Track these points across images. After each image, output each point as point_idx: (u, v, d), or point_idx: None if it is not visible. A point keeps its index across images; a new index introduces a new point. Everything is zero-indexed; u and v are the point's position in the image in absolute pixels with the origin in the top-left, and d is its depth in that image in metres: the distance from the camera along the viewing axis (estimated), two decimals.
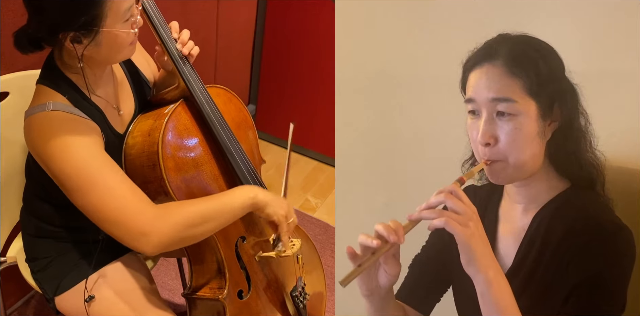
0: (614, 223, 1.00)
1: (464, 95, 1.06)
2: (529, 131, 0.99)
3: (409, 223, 0.96)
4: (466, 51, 1.06)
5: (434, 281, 1.26)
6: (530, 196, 1.09)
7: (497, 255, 1.14)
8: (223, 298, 1.30)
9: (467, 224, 0.92)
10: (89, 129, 1.16)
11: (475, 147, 1.05)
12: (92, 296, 1.30)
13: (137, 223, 1.09)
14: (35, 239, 1.39)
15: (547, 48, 1.03)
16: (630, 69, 1.27)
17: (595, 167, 1.07)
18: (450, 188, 0.95)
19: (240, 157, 1.34)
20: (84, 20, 1.06)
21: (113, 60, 1.22)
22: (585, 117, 1.05)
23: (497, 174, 1.04)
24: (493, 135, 1.00)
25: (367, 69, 1.62)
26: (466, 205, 0.94)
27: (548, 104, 1.00)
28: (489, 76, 1.00)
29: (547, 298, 1.03)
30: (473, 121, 1.03)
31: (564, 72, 1.03)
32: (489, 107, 1.00)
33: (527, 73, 0.98)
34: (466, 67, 1.05)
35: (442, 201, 0.94)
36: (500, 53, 1.00)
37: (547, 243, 1.05)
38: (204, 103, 1.31)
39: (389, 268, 1.00)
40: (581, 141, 1.05)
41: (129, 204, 1.10)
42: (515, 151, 1.00)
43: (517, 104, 0.98)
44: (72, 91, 1.17)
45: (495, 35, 1.05)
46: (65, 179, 1.11)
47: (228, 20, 2.43)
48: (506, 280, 0.96)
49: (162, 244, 1.11)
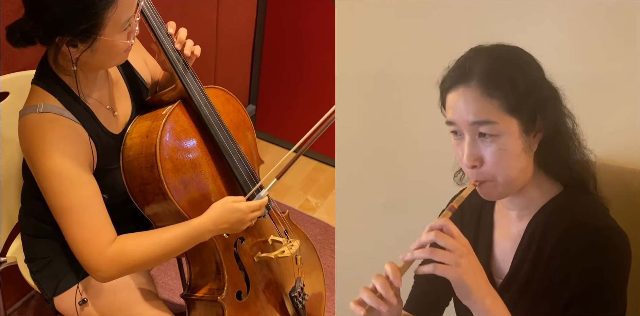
0: (609, 227, 0.99)
1: (444, 115, 1.03)
2: (513, 149, 0.98)
3: (404, 264, 0.95)
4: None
5: (440, 290, 1.25)
6: (523, 204, 1.08)
7: (494, 261, 1.13)
8: (222, 299, 1.30)
9: (458, 262, 0.91)
10: (78, 137, 1.17)
11: (462, 167, 1.03)
12: (85, 300, 1.31)
13: (93, 261, 1.17)
14: (34, 240, 1.39)
15: (523, 58, 1.00)
16: (629, 68, 1.27)
17: (585, 168, 1.05)
18: (441, 224, 0.94)
19: (238, 158, 1.34)
20: (83, 28, 1.06)
21: (107, 65, 1.23)
22: (572, 118, 1.03)
23: (488, 193, 1.02)
24: (478, 157, 0.98)
25: (367, 69, 1.62)
26: (457, 239, 0.93)
27: (530, 118, 0.98)
28: (466, 99, 0.97)
29: (545, 304, 1.02)
30: (457, 142, 1.01)
31: (544, 78, 1.01)
32: (470, 130, 0.98)
33: (504, 92, 0.95)
34: (442, 88, 1.03)
35: (433, 239, 0.93)
36: (474, 72, 0.97)
37: (543, 249, 1.04)
38: (201, 104, 1.31)
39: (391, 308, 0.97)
40: (569, 144, 1.03)
41: (91, 241, 1.17)
42: (503, 170, 0.98)
43: (497, 125, 0.96)
44: (65, 93, 1.17)
45: (468, 50, 1.02)
46: (47, 194, 1.17)
47: (228, 20, 2.42)
48: (503, 304, 0.95)
49: (110, 280, 1.21)
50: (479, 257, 0.97)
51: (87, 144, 1.18)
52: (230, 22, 2.46)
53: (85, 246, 1.16)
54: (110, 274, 1.19)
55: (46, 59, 1.18)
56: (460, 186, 1.17)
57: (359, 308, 0.94)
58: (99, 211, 1.18)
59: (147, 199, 1.25)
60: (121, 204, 1.26)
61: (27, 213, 1.41)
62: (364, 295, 0.94)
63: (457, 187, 1.17)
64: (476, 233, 1.17)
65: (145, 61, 1.42)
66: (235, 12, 2.49)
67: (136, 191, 1.25)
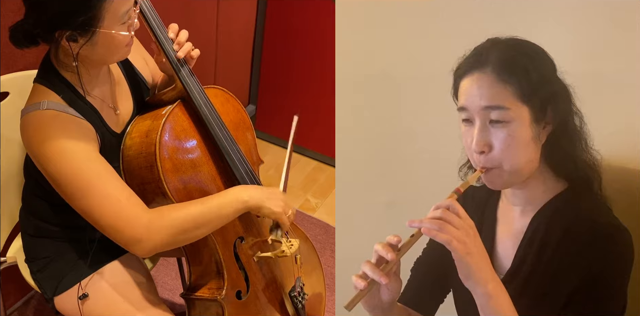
0: (612, 224, 1.00)
1: (456, 102, 1.05)
2: (523, 137, 0.99)
3: (408, 240, 0.97)
4: (458, 57, 1.06)
5: (436, 284, 1.26)
6: (527, 199, 1.09)
7: (496, 257, 1.14)
8: (221, 298, 1.30)
9: (464, 240, 0.93)
10: (83, 129, 1.16)
11: (470, 154, 1.05)
12: (85, 294, 1.30)
13: (132, 230, 1.12)
14: (35, 239, 1.39)
15: (537, 51, 1.02)
16: (630, 68, 1.27)
17: (591, 167, 1.06)
18: (447, 203, 0.95)
19: (237, 158, 1.34)
20: (81, 20, 1.07)
21: (108, 60, 1.22)
22: (580, 117, 1.04)
23: (493, 180, 1.04)
24: (487, 143, 1.00)
25: (367, 69, 1.62)
26: (463, 220, 0.94)
27: (541, 108, 1.00)
28: (480, 84, 0.99)
29: (546, 300, 1.03)
30: (467, 129, 1.03)
31: (556, 74, 1.03)
32: (481, 116, 1.00)
33: (518, 79, 0.98)
34: (457, 74, 1.05)
35: (440, 216, 0.94)
36: (490, 60, 0.99)
37: (545, 246, 1.05)
38: (201, 104, 1.31)
39: (391, 285, 1.00)
40: (576, 141, 1.05)
41: (123, 211, 1.12)
42: (510, 157, 1.00)
43: (509, 111, 0.98)
44: (68, 90, 1.17)
45: (485, 40, 1.04)
46: (61, 183, 1.13)
47: (228, 20, 2.42)
48: (506, 292, 0.96)
49: (156, 249, 1.15)
50: None
51: (94, 135, 1.18)
52: (230, 22, 2.46)
53: (119, 218, 1.11)
54: (153, 241, 1.12)
55: (48, 57, 1.19)
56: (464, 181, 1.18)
57: (360, 280, 0.96)
58: (120, 182, 1.15)
59: (147, 198, 1.25)
60: None
61: (28, 213, 1.41)
62: (366, 267, 0.96)
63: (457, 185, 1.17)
64: (479, 228, 1.17)
65: (145, 61, 1.42)
66: (235, 12, 2.49)
67: (136, 190, 1.25)
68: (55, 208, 1.32)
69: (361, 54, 1.62)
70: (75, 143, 1.12)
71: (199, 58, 1.34)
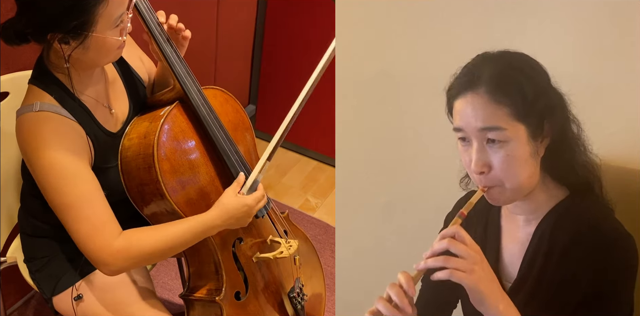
0: (616, 229, 1.00)
1: (451, 121, 1.04)
2: (521, 155, 0.98)
3: (417, 273, 0.96)
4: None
5: (448, 294, 1.26)
6: (530, 209, 1.08)
7: (503, 265, 1.13)
8: (220, 299, 1.29)
9: (473, 269, 0.92)
10: (75, 134, 1.17)
11: (469, 173, 1.04)
12: (80, 296, 1.31)
13: (99, 255, 1.16)
14: (33, 239, 1.39)
15: (529, 64, 1.01)
16: (630, 68, 1.27)
17: (591, 171, 1.06)
18: (452, 231, 0.95)
19: (236, 159, 1.34)
20: (74, 24, 1.06)
21: (99, 63, 1.22)
22: (577, 124, 1.03)
23: (496, 199, 1.03)
24: (486, 163, 0.99)
25: (367, 69, 1.62)
26: (470, 247, 0.94)
27: (537, 124, 0.98)
28: (474, 106, 0.98)
29: (554, 308, 1.02)
30: (464, 148, 1.02)
31: (550, 84, 1.01)
32: (478, 136, 0.98)
33: (512, 98, 0.96)
34: (450, 94, 1.03)
35: (446, 247, 0.94)
36: (482, 79, 0.97)
37: (551, 254, 1.04)
38: (199, 105, 1.31)
39: (408, 314, 0.97)
40: (575, 148, 1.04)
41: (96, 236, 1.16)
42: (511, 176, 0.99)
43: (506, 131, 0.96)
44: (60, 91, 1.17)
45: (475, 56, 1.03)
46: (46, 192, 1.16)
47: (228, 20, 2.42)
48: (515, 309, 0.96)
49: (119, 273, 1.21)
50: (488, 261, 0.97)
51: (85, 141, 1.18)
52: (230, 22, 2.46)
53: (91, 241, 1.15)
54: (118, 267, 1.18)
55: (42, 59, 1.18)
56: (466, 191, 1.17)
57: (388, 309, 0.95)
58: (101, 205, 1.17)
59: (145, 199, 1.25)
60: (118, 203, 1.26)
61: (26, 213, 1.41)
62: (380, 304, 0.95)
63: (458, 186, 1.17)
64: (483, 237, 1.17)
65: (141, 59, 1.41)
66: (235, 12, 2.49)
67: (134, 191, 1.25)
68: (49, 209, 1.32)
69: (361, 54, 1.62)
70: (67, 156, 1.14)
71: (198, 58, 1.34)
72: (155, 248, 1.20)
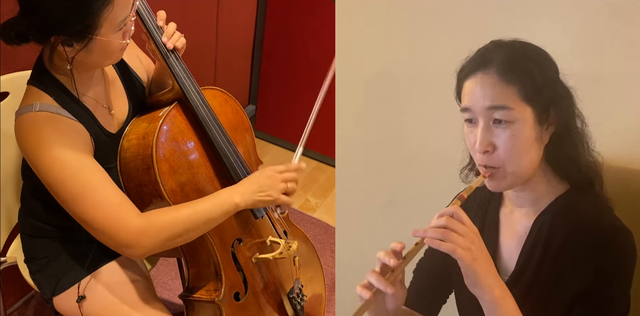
0: (615, 226, 1.00)
1: (459, 103, 1.05)
2: (526, 137, 1.00)
3: (413, 248, 0.96)
4: (461, 58, 1.06)
5: (439, 286, 1.27)
6: (530, 200, 1.09)
7: (500, 258, 1.14)
8: (219, 300, 1.29)
9: (469, 247, 0.93)
10: (76, 132, 1.16)
11: (473, 154, 1.05)
12: (83, 297, 1.31)
13: (122, 237, 1.14)
14: (33, 239, 1.39)
15: (540, 54, 1.03)
16: (630, 68, 1.27)
17: (593, 168, 1.07)
18: (451, 210, 0.96)
19: (235, 159, 1.34)
20: (79, 28, 1.06)
21: (102, 65, 1.23)
22: (582, 119, 1.05)
23: (497, 184, 1.04)
24: (491, 143, 1.00)
25: (367, 69, 1.62)
26: (468, 227, 0.94)
27: (544, 109, 1.00)
28: (484, 85, 1.00)
29: (550, 302, 1.03)
30: (470, 129, 1.03)
31: (559, 76, 1.03)
32: (485, 116, 1.00)
33: (522, 80, 0.98)
34: (460, 76, 1.05)
35: (444, 224, 0.94)
36: (494, 61, 1.00)
37: (549, 248, 1.05)
38: (198, 105, 1.31)
39: (397, 293, 0.99)
40: (578, 143, 1.05)
41: (115, 217, 1.13)
42: (514, 158, 1.00)
43: (513, 111, 0.98)
44: (60, 92, 1.17)
45: (488, 42, 1.05)
46: (55, 188, 1.14)
47: (228, 20, 2.42)
48: (512, 297, 0.96)
49: (147, 253, 1.18)
50: None
51: (88, 137, 1.18)
52: (230, 22, 2.46)
53: (109, 225, 1.13)
54: (143, 247, 1.15)
55: (41, 59, 1.18)
56: (465, 183, 1.18)
57: (365, 291, 0.95)
58: (112, 188, 1.16)
59: (144, 200, 1.25)
60: None
61: (26, 213, 1.41)
62: (371, 277, 0.96)
63: (458, 185, 1.17)
64: (481, 231, 1.17)
65: (140, 59, 1.42)
66: (235, 12, 2.48)
67: (133, 192, 1.25)
68: (50, 209, 1.31)
69: (361, 54, 1.62)
70: (69, 149, 1.13)
71: (198, 58, 1.34)
72: (178, 221, 1.17)
